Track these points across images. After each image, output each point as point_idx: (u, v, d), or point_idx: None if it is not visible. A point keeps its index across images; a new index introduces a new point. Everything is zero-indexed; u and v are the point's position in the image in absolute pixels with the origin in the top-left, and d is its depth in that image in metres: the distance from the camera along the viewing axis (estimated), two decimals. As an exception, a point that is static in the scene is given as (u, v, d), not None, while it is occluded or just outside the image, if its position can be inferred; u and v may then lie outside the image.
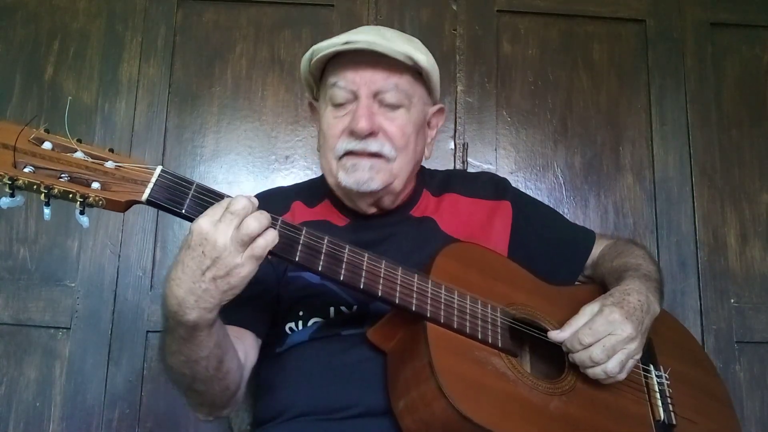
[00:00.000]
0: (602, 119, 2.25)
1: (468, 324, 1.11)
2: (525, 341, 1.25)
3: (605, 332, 1.12)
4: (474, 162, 2.19)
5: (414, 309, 1.08)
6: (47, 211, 0.92)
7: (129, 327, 2.01)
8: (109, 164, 0.95)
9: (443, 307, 1.10)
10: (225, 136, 2.17)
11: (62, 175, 0.91)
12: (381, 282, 1.07)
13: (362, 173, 1.23)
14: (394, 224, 1.34)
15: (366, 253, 1.08)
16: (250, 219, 0.95)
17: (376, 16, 2.24)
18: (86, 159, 0.94)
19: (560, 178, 2.21)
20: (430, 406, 1.01)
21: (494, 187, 1.45)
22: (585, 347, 1.12)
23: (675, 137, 2.23)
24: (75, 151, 0.94)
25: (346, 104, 1.26)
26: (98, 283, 2.03)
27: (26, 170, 0.90)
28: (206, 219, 0.94)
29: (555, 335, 1.16)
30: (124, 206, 0.95)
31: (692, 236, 2.17)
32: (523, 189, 2.14)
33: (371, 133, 1.23)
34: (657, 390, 1.24)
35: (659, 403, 1.22)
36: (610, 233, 2.13)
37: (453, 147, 2.20)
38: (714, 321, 2.10)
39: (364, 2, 2.25)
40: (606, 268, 1.39)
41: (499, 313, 1.16)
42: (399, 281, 1.09)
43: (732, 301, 2.13)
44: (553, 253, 1.43)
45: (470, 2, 2.29)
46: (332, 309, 1.24)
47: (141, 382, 1.99)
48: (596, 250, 1.47)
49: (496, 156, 2.20)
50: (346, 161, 1.25)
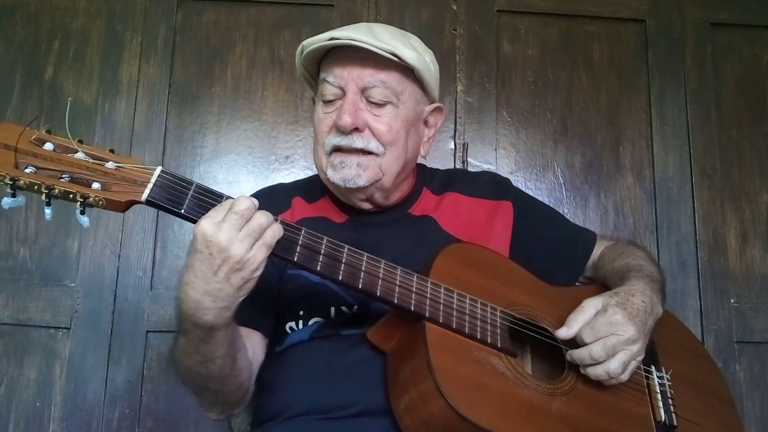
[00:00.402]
0: (602, 119, 2.25)
1: (467, 324, 1.11)
2: (525, 342, 1.25)
3: (607, 332, 1.12)
4: (474, 162, 2.19)
5: (413, 309, 1.08)
6: (48, 211, 0.93)
7: (129, 327, 2.01)
8: (110, 165, 0.96)
9: (442, 307, 1.10)
10: (225, 136, 2.17)
11: (63, 176, 0.92)
12: (380, 282, 1.08)
13: (349, 170, 1.25)
14: (393, 222, 1.35)
15: (365, 254, 1.09)
16: (259, 214, 0.97)
17: (376, 16, 2.24)
18: (87, 159, 0.95)
19: (560, 178, 2.21)
20: (429, 406, 1.01)
21: (495, 187, 1.45)
22: (585, 345, 1.12)
23: (675, 137, 2.23)
24: (76, 152, 0.95)
25: (336, 100, 1.27)
26: (98, 283, 2.03)
27: (27, 171, 0.91)
28: (208, 221, 0.96)
29: (563, 333, 1.15)
30: (124, 206, 0.96)
31: (692, 236, 2.17)
32: (523, 189, 2.11)
33: (356, 129, 1.24)
34: (658, 391, 1.24)
35: (660, 404, 1.22)
36: (611, 233, 2.13)
37: (453, 147, 2.20)
38: (714, 321, 2.10)
39: (364, 2, 2.25)
40: (607, 270, 1.39)
41: (499, 314, 1.16)
42: (398, 281, 1.09)
43: (732, 301, 2.13)
44: (554, 254, 1.43)
45: (470, 2, 2.29)
46: (333, 309, 1.25)
47: (141, 382, 1.99)
48: (597, 252, 1.47)
49: (496, 156, 2.20)
50: (335, 158, 1.26)
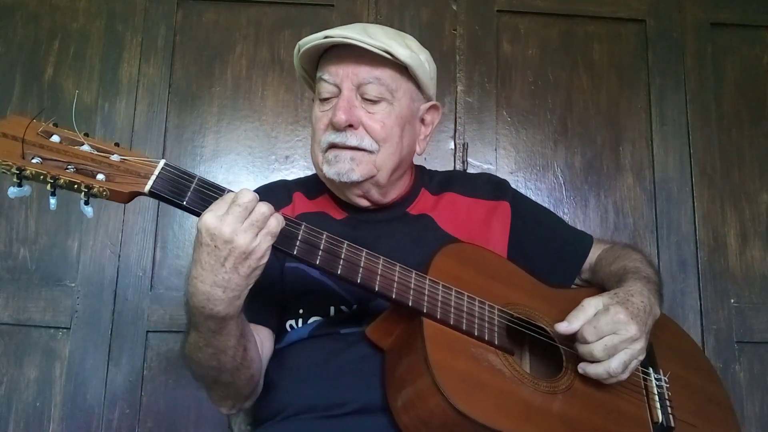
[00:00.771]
0: (602, 119, 2.25)
1: (465, 321, 1.11)
2: (523, 341, 1.25)
3: (609, 331, 1.11)
4: (474, 162, 2.19)
5: (410, 304, 1.08)
6: (53, 201, 0.94)
7: (129, 327, 2.01)
8: (115, 157, 0.98)
9: (440, 304, 1.10)
10: (225, 136, 2.17)
11: (68, 167, 0.94)
12: (378, 277, 1.08)
13: (343, 164, 1.26)
14: (391, 220, 1.35)
15: (364, 250, 1.09)
16: (261, 204, 0.98)
17: (376, 16, 2.24)
18: (92, 152, 0.97)
19: (560, 178, 2.21)
20: (426, 402, 1.01)
21: (493, 188, 1.45)
22: (587, 344, 1.12)
23: (675, 137, 2.23)
24: (82, 144, 0.97)
25: (332, 98, 1.29)
26: (98, 283, 2.03)
27: (34, 161, 0.92)
28: (211, 214, 0.97)
29: (563, 328, 1.14)
30: (128, 197, 0.97)
31: (692, 236, 2.16)
32: (523, 189, 2.14)
33: (350, 126, 1.26)
34: (656, 392, 1.23)
35: (658, 405, 1.21)
36: (611, 233, 2.14)
37: (453, 147, 2.20)
38: (714, 321, 2.10)
39: (364, 2, 2.25)
40: (605, 272, 1.39)
41: (497, 312, 1.16)
42: (396, 277, 1.10)
43: (732, 301, 2.13)
44: (551, 256, 1.43)
45: (470, 2, 2.29)
46: (332, 308, 1.25)
47: (141, 382, 1.99)
48: (593, 255, 1.46)
49: (496, 156, 2.20)
50: (329, 154, 1.28)
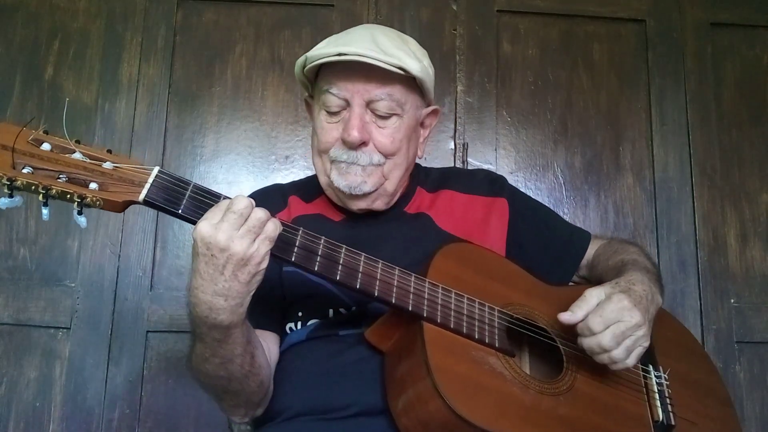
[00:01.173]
0: (602, 119, 2.25)
1: (465, 324, 1.11)
2: (523, 342, 1.25)
3: (615, 319, 1.10)
4: (474, 162, 2.19)
5: (410, 309, 1.08)
6: (45, 212, 0.93)
7: (129, 327, 2.01)
8: (107, 165, 0.96)
9: (440, 307, 1.10)
10: (225, 136, 2.17)
11: (60, 176, 0.92)
12: (377, 282, 1.08)
13: (355, 177, 1.26)
14: (389, 221, 1.35)
15: (363, 254, 1.09)
16: (257, 210, 0.98)
17: (376, 16, 2.24)
18: (84, 160, 0.95)
19: (560, 178, 2.21)
20: (427, 406, 1.01)
21: (490, 184, 1.45)
22: (594, 334, 1.11)
23: (675, 137, 2.23)
24: (73, 152, 0.95)
25: (340, 111, 1.27)
26: (98, 283, 2.03)
27: (25, 171, 0.91)
28: (205, 223, 0.96)
29: (567, 317, 1.13)
30: (122, 206, 0.96)
31: (692, 236, 2.16)
32: (523, 189, 2.14)
33: (362, 143, 1.25)
34: (656, 390, 1.23)
35: (658, 404, 1.21)
36: (611, 233, 2.13)
37: (453, 147, 2.20)
38: (714, 321, 2.10)
39: (364, 2, 2.25)
40: (603, 267, 1.39)
41: (497, 313, 1.16)
42: (395, 281, 1.09)
43: (732, 301, 2.13)
44: (549, 253, 1.43)
45: (470, 2, 2.29)
46: (331, 311, 1.25)
47: (141, 382, 1.99)
48: (591, 251, 1.46)
49: (496, 156, 2.20)
50: (340, 165, 1.27)
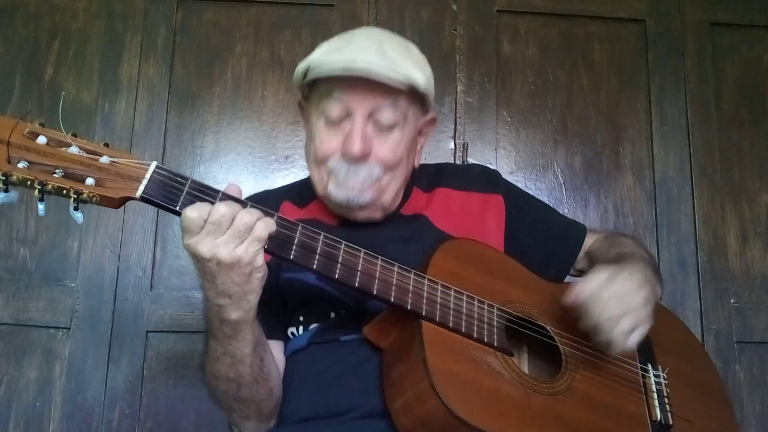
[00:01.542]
0: (602, 119, 2.25)
1: (464, 323, 1.10)
2: (522, 339, 1.24)
3: (624, 292, 1.09)
4: (474, 162, 2.19)
5: (409, 308, 1.07)
6: (41, 207, 0.91)
7: (129, 327, 2.01)
8: (104, 159, 0.94)
9: (439, 306, 1.09)
10: (225, 136, 2.17)
11: (56, 171, 0.91)
12: (376, 280, 1.07)
13: (352, 190, 1.23)
14: (386, 224, 1.33)
15: (362, 251, 1.08)
16: (242, 213, 0.96)
17: (376, 16, 2.24)
18: (81, 154, 0.93)
19: (560, 178, 2.21)
20: (425, 406, 1.00)
21: (486, 179, 1.44)
22: (603, 303, 1.08)
23: (675, 137, 2.23)
24: (70, 146, 0.93)
25: (341, 121, 1.23)
26: (98, 283, 2.03)
27: (20, 165, 0.89)
28: (188, 235, 0.95)
29: (578, 290, 1.10)
30: (118, 203, 0.94)
31: (692, 236, 2.16)
32: (523, 189, 2.13)
33: (363, 155, 1.21)
34: (654, 390, 1.23)
35: (656, 403, 1.21)
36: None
37: (453, 147, 2.20)
38: (714, 321, 2.10)
39: (364, 2, 2.25)
40: (601, 261, 1.36)
41: (496, 312, 1.16)
42: (394, 280, 1.08)
43: (732, 301, 2.12)
44: (545, 247, 1.42)
45: (470, 2, 2.28)
46: (332, 313, 1.24)
47: (141, 382, 1.98)
48: (588, 244, 1.45)
49: (496, 156, 2.20)
50: (338, 176, 1.24)
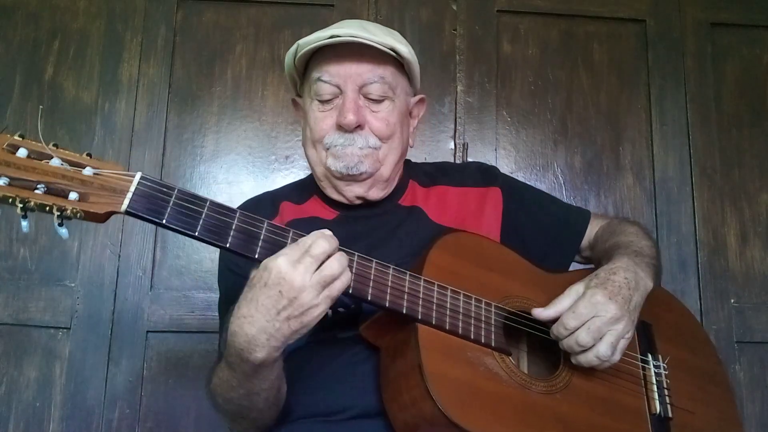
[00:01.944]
0: (602, 119, 2.25)
1: (460, 324, 1.09)
2: (521, 335, 1.23)
3: (589, 315, 1.09)
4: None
5: (405, 312, 1.06)
6: (24, 224, 0.88)
7: (129, 327, 2.01)
8: (87, 171, 0.90)
9: (435, 308, 1.08)
10: (225, 136, 2.17)
11: (38, 186, 0.86)
12: (371, 285, 1.04)
13: (351, 157, 1.26)
14: (383, 214, 1.34)
15: (356, 254, 1.05)
16: (333, 261, 0.96)
17: (376, 16, 2.24)
18: (63, 166, 0.89)
19: (560, 178, 2.21)
20: (421, 410, 1.00)
21: (482, 175, 1.44)
22: (570, 332, 1.10)
23: (675, 137, 2.23)
24: (51, 158, 0.89)
25: (333, 99, 1.27)
26: (98, 283, 2.03)
27: (0, 182, 0.85)
28: (284, 259, 0.94)
29: (539, 313, 1.13)
30: (103, 217, 0.90)
31: (692, 236, 2.16)
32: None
33: (358, 126, 1.26)
34: (654, 382, 1.22)
35: (656, 396, 1.21)
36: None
37: (453, 147, 2.20)
38: (714, 321, 2.10)
39: (364, 2, 2.25)
40: (600, 250, 1.37)
41: (493, 310, 1.14)
42: (389, 282, 1.06)
43: (732, 301, 2.13)
44: (547, 237, 1.41)
45: (470, 2, 2.29)
46: (329, 311, 1.24)
47: (141, 382, 1.99)
48: (592, 231, 1.44)
49: (496, 156, 2.20)
50: (335, 149, 1.27)
